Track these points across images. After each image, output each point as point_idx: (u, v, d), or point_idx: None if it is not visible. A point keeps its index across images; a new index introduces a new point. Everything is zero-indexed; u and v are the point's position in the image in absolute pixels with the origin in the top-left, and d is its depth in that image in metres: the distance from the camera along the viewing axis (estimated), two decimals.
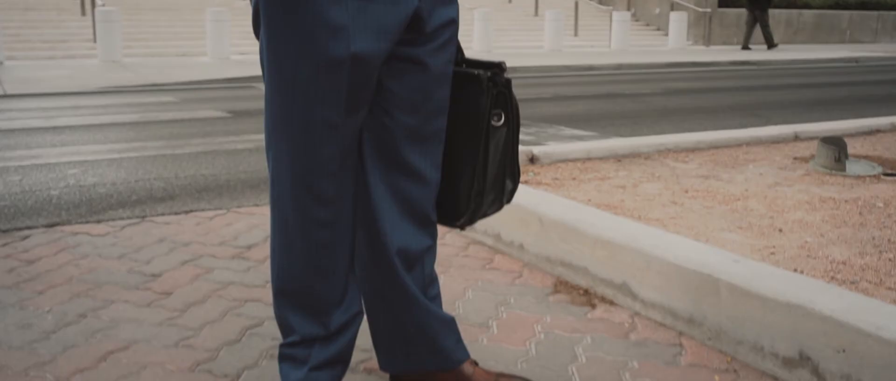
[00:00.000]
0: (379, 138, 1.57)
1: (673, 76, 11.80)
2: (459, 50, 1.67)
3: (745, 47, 18.73)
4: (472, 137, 1.63)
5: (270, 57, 1.48)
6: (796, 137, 4.75)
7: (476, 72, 1.60)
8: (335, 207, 1.56)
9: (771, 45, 18.78)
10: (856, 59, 16.98)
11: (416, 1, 1.48)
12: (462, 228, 1.70)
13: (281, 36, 1.46)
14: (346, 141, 1.52)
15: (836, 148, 3.80)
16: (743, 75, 12.33)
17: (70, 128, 5.93)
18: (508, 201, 1.73)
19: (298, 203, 1.53)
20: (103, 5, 13.31)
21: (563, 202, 2.83)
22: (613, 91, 9.29)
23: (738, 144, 4.49)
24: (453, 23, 1.57)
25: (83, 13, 15.33)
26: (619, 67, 13.60)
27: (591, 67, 13.33)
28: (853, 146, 4.52)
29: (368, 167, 1.58)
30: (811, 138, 4.78)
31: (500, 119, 1.61)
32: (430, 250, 1.67)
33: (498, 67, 1.62)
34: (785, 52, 17.95)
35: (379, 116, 1.56)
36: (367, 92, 1.49)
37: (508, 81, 1.62)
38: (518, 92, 9.21)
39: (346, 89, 1.46)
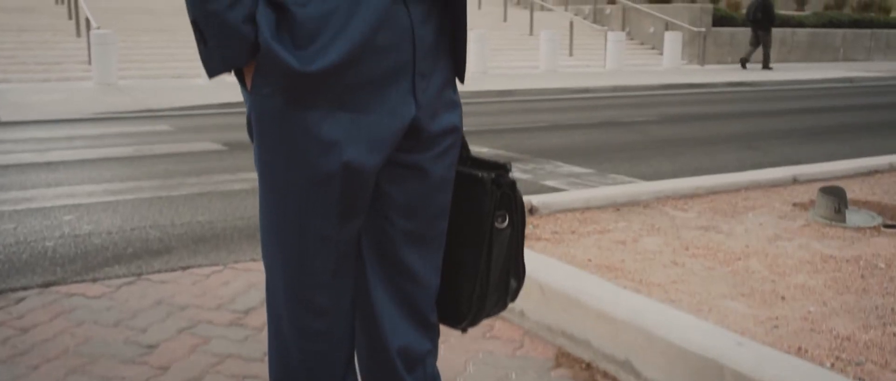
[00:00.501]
0: (377, 241, 1.55)
1: (669, 100, 11.81)
2: (465, 146, 1.65)
3: (743, 66, 18.81)
4: (474, 239, 1.60)
5: (261, 167, 1.46)
6: (795, 181, 4.74)
7: (479, 174, 1.58)
8: (330, 317, 1.53)
9: (766, 66, 18.85)
10: (850, 80, 17.04)
11: (413, 110, 1.45)
12: (464, 330, 1.67)
13: (271, 148, 1.43)
14: (340, 250, 1.49)
15: (836, 199, 3.79)
16: (738, 98, 12.36)
17: (64, 164, 5.90)
18: (512, 299, 1.70)
19: (292, 313, 1.51)
20: (98, 28, 13.29)
21: (565, 269, 2.81)
22: (610, 118, 9.29)
23: (737, 189, 4.48)
24: (456, 130, 1.55)
25: (78, 35, 15.31)
26: (615, 89, 13.62)
27: (586, 90, 13.35)
28: (852, 190, 4.51)
29: (367, 269, 1.56)
30: (810, 181, 4.77)
31: (504, 220, 1.59)
32: (432, 352, 1.64)
33: (502, 168, 1.60)
34: (780, 72, 18.01)
35: (377, 219, 1.53)
36: (361, 201, 1.47)
37: (513, 183, 1.60)
38: (513, 118, 9.22)
39: (338, 201, 1.44)
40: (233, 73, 1.44)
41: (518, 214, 1.61)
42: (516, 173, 5.68)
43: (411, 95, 1.45)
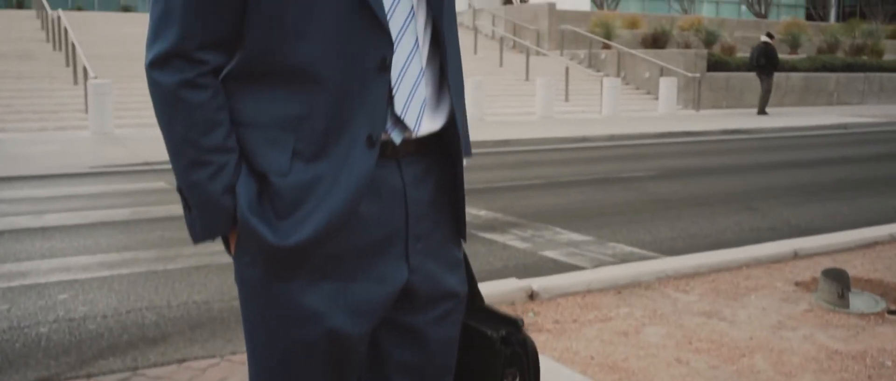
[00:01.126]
0: None
1: (665, 150, 11.84)
2: (478, 294, 1.59)
3: (761, 113, 18.95)
4: None
5: (246, 332, 1.43)
6: (795, 255, 4.71)
7: (488, 332, 1.53)
8: None
9: (762, 110, 18.94)
10: (844, 126, 17.11)
11: (405, 275, 1.40)
12: None
13: (253, 314, 1.40)
14: None
15: (839, 285, 3.76)
16: (734, 149, 12.38)
17: (60, 230, 5.85)
18: None
19: None
20: (95, 77, 13.31)
21: (567, 375, 2.76)
22: (608, 173, 9.28)
23: (738, 266, 4.45)
24: (455, 296, 1.49)
25: (75, 82, 15.33)
26: (612, 138, 13.65)
27: (584, 139, 13.38)
28: (853, 266, 4.49)
29: None
30: (810, 255, 4.75)
31: (514, 379, 1.54)
32: None
33: (514, 324, 1.54)
34: (774, 118, 18.08)
35: (378, 377, 1.49)
36: (351, 364, 1.42)
37: (525, 340, 1.54)
38: (510, 173, 9.21)
39: (322, 367, 1.39)
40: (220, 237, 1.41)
41: (530, 372, 1.56)
42: (514, 241, 5.66)
43: (403, 260, 1.41)
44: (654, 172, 9.43)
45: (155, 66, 1.30)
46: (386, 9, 1.31)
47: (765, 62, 18.69)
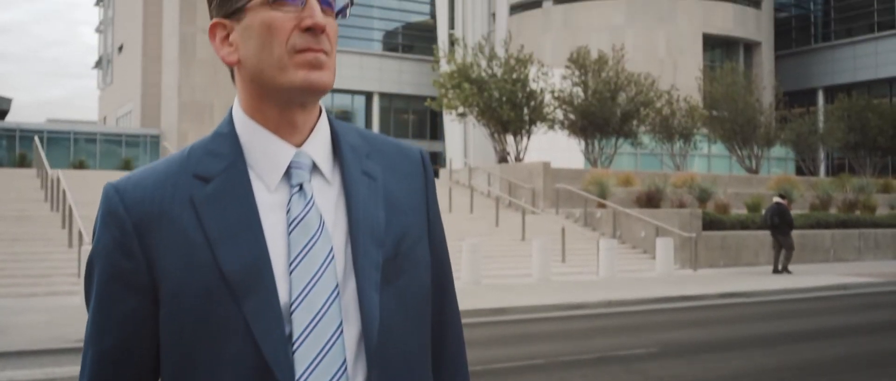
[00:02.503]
0: None
1: (665, 320, 11.65)
2: None
3: (776, 271, 19.13)
4: None
5: None
6: None
7: None
8: None
9: (785, 269, 19.13)
10: (844, 286, 16.99)
11: None
12: None
13: None
14: None
15: None
16: (734, 317, 12.20)
17: None
18: None
19: None
20: (89, 243, 13.26)
21: None
22: (606, 350, 9.07)
23: None
24: None
25: (70, 245, 15.28)
26: (610, 304, 13.49)
27: (580, 305, 13.21)
28: None
29: None
30: None
31: None
32: None
33: None
34: (773, 279, 17.98)
35: None
36: None
37: None
38: (507, 352, 8.99)
39: None
40: None
41: None
42: None
43: None
44: (654, 348, 9.22)
45: None
46: None
47: (779, 222, 19.29)
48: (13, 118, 55.13)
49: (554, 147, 33.68)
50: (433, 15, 53.02)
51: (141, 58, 53.36)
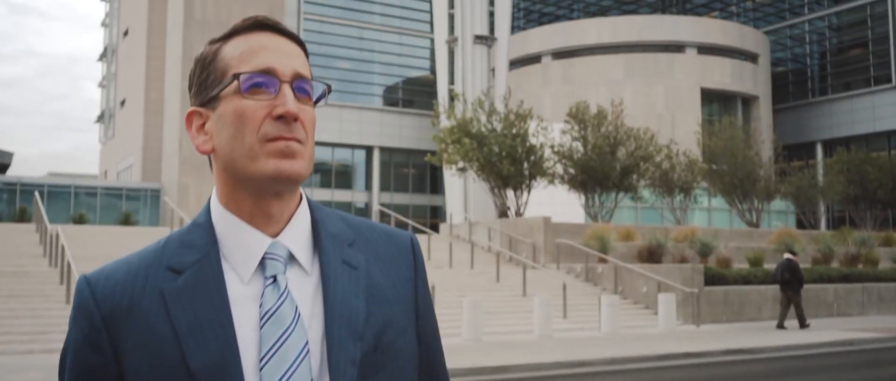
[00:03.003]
0: None
1: (669, 379, 11.47)
2: None
3: (780, 326, 19.11)
4: None
5: None
6: None
7: None
8: None
9: (803, 324, 19.19)
10: (850, 342, 16.81)
11: None
12: None
13: None
14: None
15: None
16: (740, 375, 12.03)
17: None
18: None
19: None
20: None
21: None
22: None
23: None
24: None
25: (68, 301, 15.15)
26: (612, 361, 13.31)
27: (582, 363, 13.03)
28: None
29: None
30: None
31: None
32: None
33: None
34: (779, 335, 17.79)
35: None
36: None
37: None
38: None
39: None
40: None
41: None
42: None
43: None
44: None
45: None
46: None
47: (789, 277, 19.28)
48: (14, 172, 55.27)
49: (554, 202, 33.68)
50: (433, 70, 53.49)
51: (143, 112, 53.67)
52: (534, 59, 51.08)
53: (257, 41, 1.26)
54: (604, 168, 30.35)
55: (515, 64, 50.29)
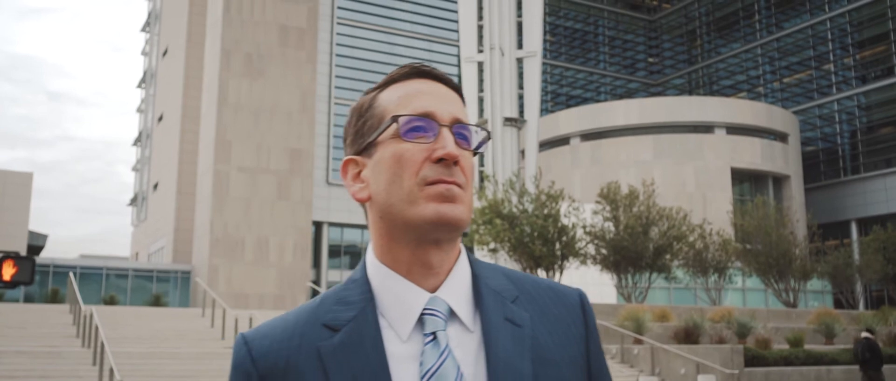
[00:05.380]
0: None
1: None
2: None
3: None
4: None
5: None
6: None
7: None
8: None
9: None
10: None
11: None
12: None
13: None
14: None
15: None
16: None
17: None
18: None
19: None
20: (121, 380, 13.06)
21: None
22: None
23: None
24: None
25: None
26: None
27: None
28: None
29: None
30: None
31: None
32: None
33: None
34: None
35: None
36: None
37: None
38: None
39: None
40: None
41: None
42: None
43: None
44: None
45: None
46: None
47: (870, 356, 18.81)
48: (47, 254, 55.90)
49: (586, 282, 33.30)
50: None
51: (175, 195, 54.36)
52: (562, 140, 51.35)
53: (415, 87, 1.25)
54: (637, 248, 30.07)
55: (544, 146, 50.53)
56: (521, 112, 47.34)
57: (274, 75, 47.06)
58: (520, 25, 46.90)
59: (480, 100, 47.19)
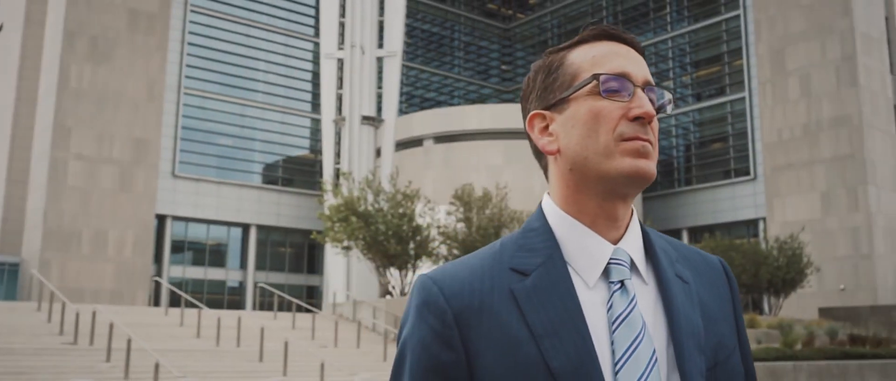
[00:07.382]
0: None
1: None
2: None
3: None
4: None
5: None
6: None
7: None
8: None
9: None
10: None
11: None
12: None
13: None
14: None
15: None
16: None
17: None
18: None
19: None
20: None
21: None
22: None
23: None
24: None
25: None
26: None
27: None
28: None
29: None
30: None
31: None
32: None
33: None
34: None
35: None
36: None
37: None
38: None
39: None
40: None
41: None
42: None
43: None
44: None
45: None
46: None
47: None
48: None
49: None
50: (313, 149, 53.33)
51: (4, 182, 50.84)
52: (416, 142, 51.76)
53: (607, 48, 1.30)
54: None
55: (398, 146, 50.81)
56: (379, 111, 47.43)
57: (120, 61, 44.83)
58: (381, 25, 46.94)
59: (339, 97, 46.92)
